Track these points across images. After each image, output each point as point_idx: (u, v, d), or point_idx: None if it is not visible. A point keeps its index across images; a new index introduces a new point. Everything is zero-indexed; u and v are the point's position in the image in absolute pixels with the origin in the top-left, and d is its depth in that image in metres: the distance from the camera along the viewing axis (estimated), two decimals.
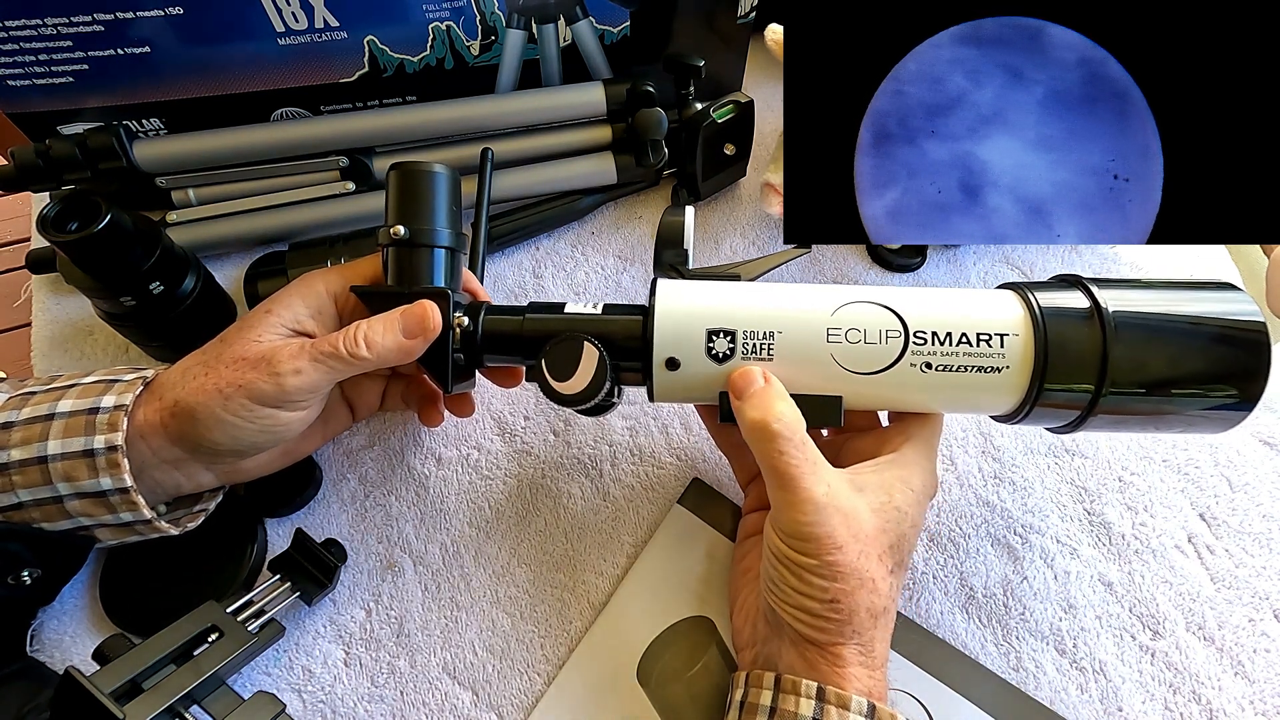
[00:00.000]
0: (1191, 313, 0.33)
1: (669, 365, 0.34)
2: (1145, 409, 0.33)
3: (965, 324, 0.33)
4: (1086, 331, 0.33)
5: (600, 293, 0.53)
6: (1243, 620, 0.41)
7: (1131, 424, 0.35)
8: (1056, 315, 0.33)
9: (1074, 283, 0.35)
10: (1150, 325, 0.33)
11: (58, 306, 0.51)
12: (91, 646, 0.34)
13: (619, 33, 0.52)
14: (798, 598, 0.32)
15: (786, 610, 0.33)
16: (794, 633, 0.33)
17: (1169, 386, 0.33)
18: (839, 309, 0.34)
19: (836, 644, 0.32)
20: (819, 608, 0.31)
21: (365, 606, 0.41)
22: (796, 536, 0.32)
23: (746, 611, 0.37)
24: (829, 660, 0.32)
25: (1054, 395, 0.33)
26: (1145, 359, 0.32)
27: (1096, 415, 0.33)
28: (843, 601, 0.31)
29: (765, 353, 0.34)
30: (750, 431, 0.33)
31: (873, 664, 0.32)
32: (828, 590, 0.31)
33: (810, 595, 0.32)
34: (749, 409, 0.33)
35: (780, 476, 0.32)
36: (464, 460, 0.46)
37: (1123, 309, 0.33)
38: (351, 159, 0.51)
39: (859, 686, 0.31)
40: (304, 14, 0.45)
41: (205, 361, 0.35)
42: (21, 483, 0.33)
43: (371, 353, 0.34)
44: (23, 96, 0.46)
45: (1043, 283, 0.35)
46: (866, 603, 0.32)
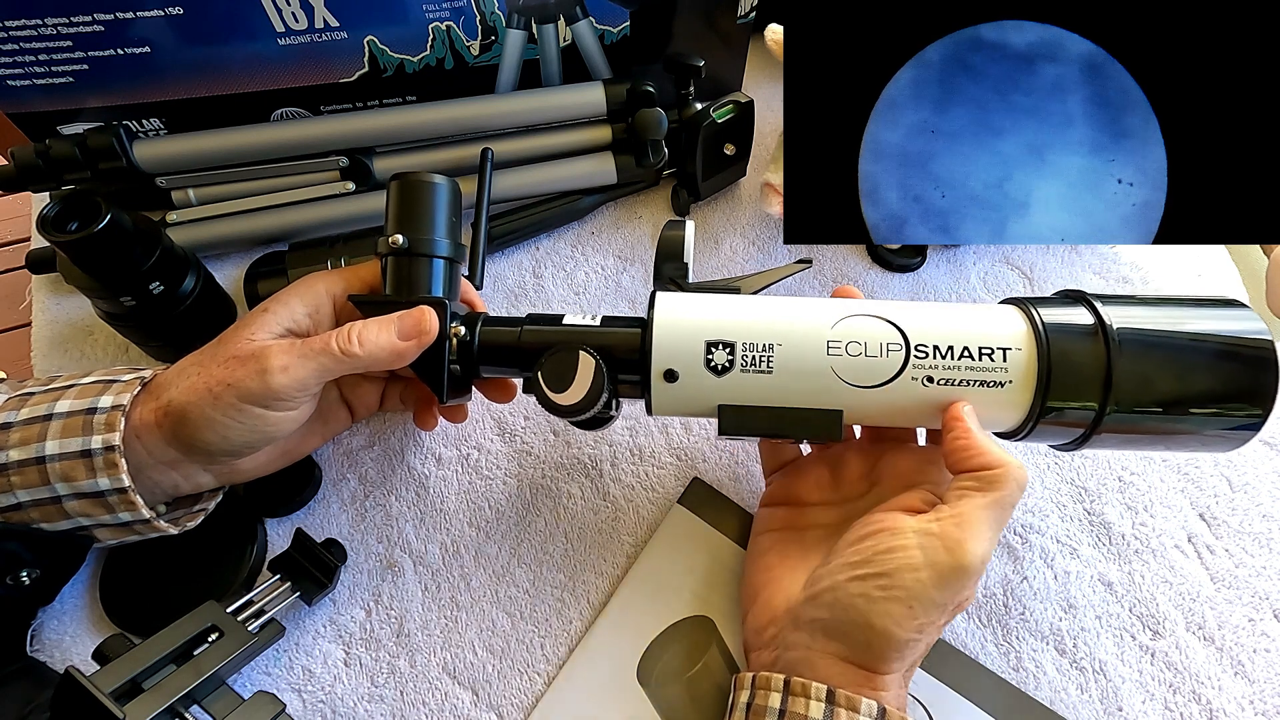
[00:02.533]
0: (1198, 330, 0.33)
1: (667, 377, 0.34)
2: (1151, 428, 0.33)
3: (967, 337, 0.33)
4: (1090, 348, 0.32)
5: (600, 293, 0.53)
6: (1243, 620, 0.41)
7: (1138, 442, 0.35)
8: (1060, 331, 0.33)
9: (1078, 299, 0.34)
10: (1155, 343, 0.32)
11: (58, 306, 0.51)
12: (91, 646, 0.34)
13: (619, 33, 0.52)
14: (886, 622, 0.31)
15: (865, 630, 0.31)
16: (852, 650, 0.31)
17: (1176, 405, 0.32)
18: (839, 322, 0.34)
19: (891, 672, 0.31)
20: (902, 635, 0.31)
21: (365, 606, 0.41)
22: (960, 571, 0.30)
23: (771, 612, 0.35)
24: (876, 684, 0.31)
25: (1058, 411, 0.33)
26: (1151, 376, 0.32)
27: (1101, 433, 0.33)
28: (924, 636, 0.31)
29: (765, 365, 0.33)
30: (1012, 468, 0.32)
31: (903, 681, 0.33)
32: (923, 629, 0.31)
33: (902, 624, 0.30)
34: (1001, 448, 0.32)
35: (1002, 518, 0.31)
36: (464, 460, 0.45)
37: (1127, 325, 0.32)
38: (351, 159, 0.51)
39: (891, 703, 0.31)
40: (304, 14, 0.45)
41: (200, 361, 0.35)
42: (20, 483, 0.33)
43: (363, 351, 0.34)
44: (23, 96, 0.46)
45: (1046, 298, 0.35)
46: (931, 640, 0.32)
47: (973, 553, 0.30)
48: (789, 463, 0.41)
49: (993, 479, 0.32)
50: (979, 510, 0.31)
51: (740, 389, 0.34)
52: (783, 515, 0.39)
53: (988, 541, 0.31)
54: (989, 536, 0.31)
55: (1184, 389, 0.32)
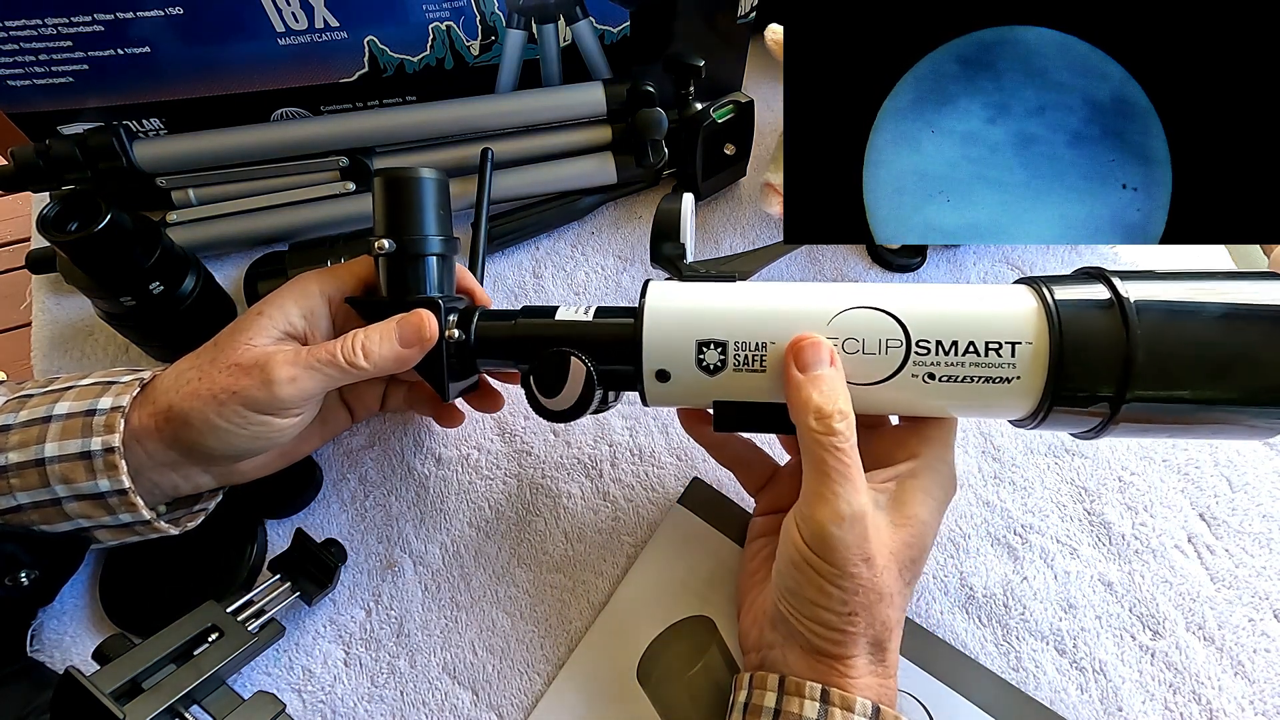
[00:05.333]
0: (1228, 302, 0.30)
1: (659, 377, 0.34)
2: (1174, 416, 0.30)
3: (973, 331, 0.31)
4: (1108, 334, 0.30)
5: (600, 293, 0.53)
6: (1243, 620, 0.41)
7: (1160, 430, 0.32)
8: (1075, 319, 0.30)
9: (1096, 276, 0.32)
10: (1181, 320, 0.30)
11: (58, 306, 0.51)
12: (91, 646, 0.34)
13: (619, 33, 0.52)
14: (814, 609, 0.31)
15: (801, 621, 0.32)
16: (806, 642, 0.32)
17: (1205, 390, 0.30)
18: (836, 316, 0.32)
19: (851, 656, 0.31)
20: (836, 620, 0.31)
21: (365, 606, 0.41)
22: (824, 542, 0.30)
23: (755, 615, 0.36)
24: (840, 671, 0.31)
25: (1070, 405, 0.31)
26: (1176, 361, 0.29)
27: (1119, 424, 0.31)
28: (860, 616, 0.31)
29: (758, 364, 0.33)
30: (812, 413, 0.31)
31: (884, 672, 0.32)
32: (847, 604, 0.30)
33: (828, 607, 0.31)
34: (816, 391, 0.31)
35: (830, 472, 0.30)
36: (464, 460, 0.45)
37: (1148, 301, 0.30)
38: (351, 159, 0.51)
39: (869, 694, 0.31)
40: (304, 14, 0.45)
41: (199, 366, 0.35)
42: (20, 485, 0.33)
43: (369, 362, 0.34)
44: (23, 96, 0.46)
45: (1062, 276, 0.33)
46: (883, 617, 0.31)
47: (822, 518, 0.30)
48: (769, 478, 0.41)
49: (801, 439, 0.31)
50: (809, 475, 0.31)
51: (734, 387, 0.34)
52: (769, 522, 0.39)
53: (834, 499, 0.30)
54: (831, 494, 0.30)
55: (1216, 371, 0.29)
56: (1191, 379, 0.30)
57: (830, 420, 0.30)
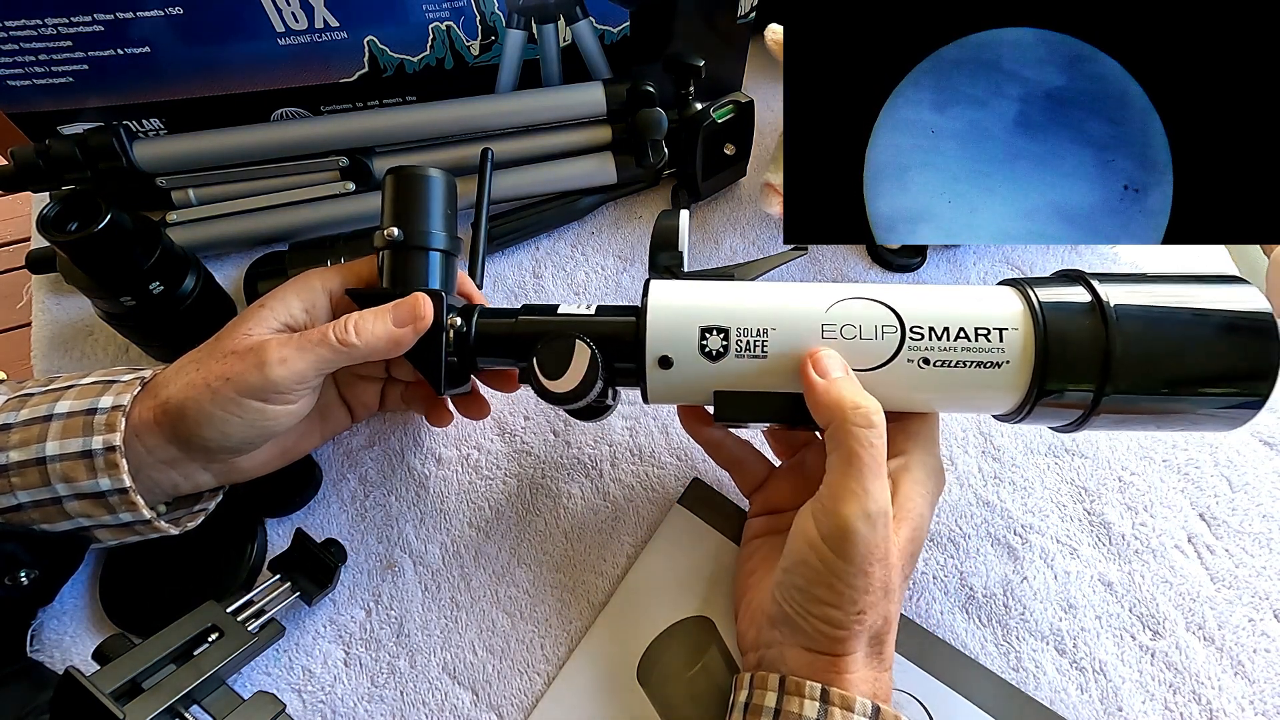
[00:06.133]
0: (1197, 306, 0.32)
1: (662, 364, 0.34)
2: (1151, 407, 0.33)
3: (963, 318, 0.33)
4: (1088, 327, 0.32)
5: (600, 293, 0.53)
6: (1243, 620, 0.41)
7: (1137, 423, 0.34)
8: (1057, 310, 0.32)
9: (1076, 278, 0.34)
10: (1154, 320, 0.32)
11: (58, 306, 0.51)
12: (91, 646, 0.34)
13: (619, 33, 0.52)
14: (823, 608, 0.31)
15: (808, 620, 0.32)
16: (807, 640, 0.32)
17: (1175, 384, 0.32)
18: (834, 305, 0.34)
19: (851, 653, 0.31)
20: (844, 618, 0.31)
21: (365, 606, 0.41)
22: (846, 539, 0.30)
23: (752, 615, 0.36)
24: (839, 668, 0.31)
25: (1056, 392, 0.32)
26: (1150, 355, 0.32)
27: (1100, 414, 0.33)
28: (869, 614, 0.31)
29: (760, 350, 0.34)
30: (849, 407, 0.31)
31: (881, 665, 0.32)
32: (858, 602, 0.31)
33: (838, 606, 0.31)
34: (848, 389, 0.31)
35: (862, 467, 0.30)
36: (464, 460, 0.45)
37: (1126, 303, 0.32)
38: (351, 159, 0.51)
39: (864, 689, 0.31)
40: (304, 14, 0.45)
41: (197, 359, 0.35)
42: (20, 484, 0.33)
43: (360, 340, 0.34)
44: (23, 96, 0.46)
45: (1043, 278, 0.35)
46: (886, 613, 0.31)
47: (849, 513, 0.30)
48: (763, 480, 0.41)
49: (834, 435, 0.31)
50: (838, 469, 0.31)
51: (736, 375, 0.34)
52: (764, 523, 0.39)
53: (864, 495, 0.30)
54: (861, 490, 0.30)
55: (1185, 367, 0.32)
56: (1164, 374, 0.32)
57: (869, 414, 0.31)
